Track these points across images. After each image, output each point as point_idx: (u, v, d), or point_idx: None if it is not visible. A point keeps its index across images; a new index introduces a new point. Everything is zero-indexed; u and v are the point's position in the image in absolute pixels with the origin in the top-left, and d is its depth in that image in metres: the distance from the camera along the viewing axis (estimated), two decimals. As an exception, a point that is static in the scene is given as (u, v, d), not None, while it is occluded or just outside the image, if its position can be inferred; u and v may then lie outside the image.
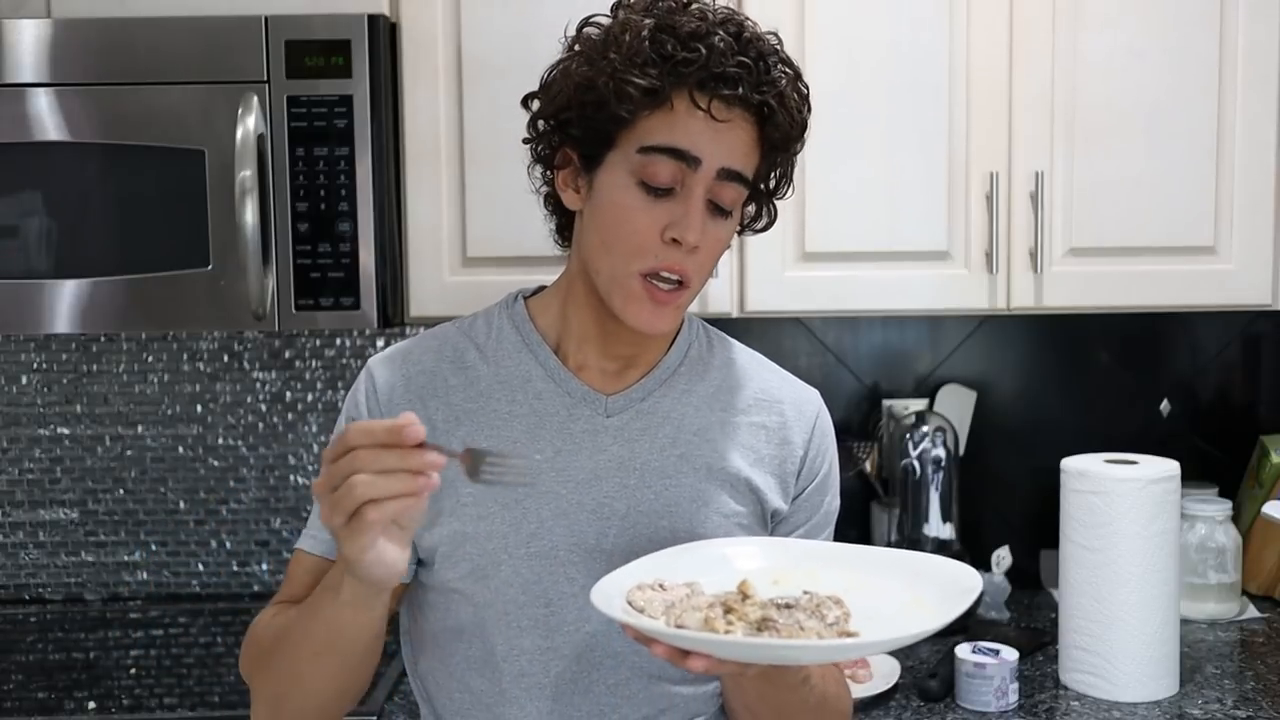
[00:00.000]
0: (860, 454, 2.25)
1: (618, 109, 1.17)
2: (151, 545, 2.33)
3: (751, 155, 1.21)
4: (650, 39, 1.16)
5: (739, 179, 1.20)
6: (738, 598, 1.09)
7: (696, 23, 1.17)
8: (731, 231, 1.25)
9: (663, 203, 1.18)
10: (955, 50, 1.96)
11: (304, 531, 1.30)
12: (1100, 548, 1.79)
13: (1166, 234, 1.99)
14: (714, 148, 1.17)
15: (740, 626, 1.05)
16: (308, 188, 1.86)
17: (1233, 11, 1.97)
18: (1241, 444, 2.34)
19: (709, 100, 1.16)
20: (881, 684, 1.82)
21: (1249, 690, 1.83)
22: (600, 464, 1.25)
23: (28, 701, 1.86)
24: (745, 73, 1.16)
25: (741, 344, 1.40)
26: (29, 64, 1.84)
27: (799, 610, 1.07)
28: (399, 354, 1.30)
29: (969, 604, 1.07)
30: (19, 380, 2.31)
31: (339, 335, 2.31)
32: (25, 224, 1.87)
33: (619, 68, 1.16)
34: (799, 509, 1.33)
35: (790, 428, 1.32)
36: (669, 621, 1.06)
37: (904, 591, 1.13)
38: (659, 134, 1.17)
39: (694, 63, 1.15)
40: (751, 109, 1.19)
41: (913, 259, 1.99)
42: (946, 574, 1.15)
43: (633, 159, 1.18)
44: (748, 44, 1.18)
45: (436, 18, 1.94)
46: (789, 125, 1.21)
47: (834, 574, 1.17)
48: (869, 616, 1.09)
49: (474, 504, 1.24)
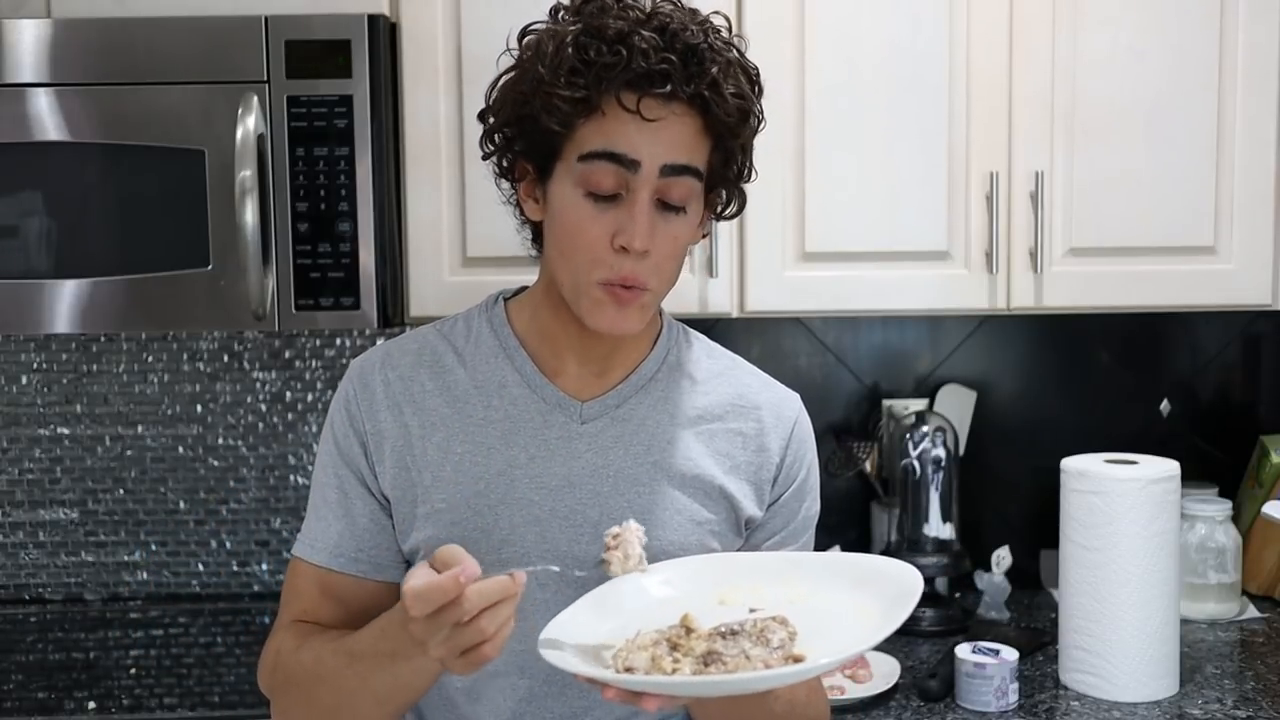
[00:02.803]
0: (860, 454, 2.25)
1: (549, 123, 1.17)
2: (151, 545, 2.33)
3: (698, 146, 1.20)
4: (574, 46, 1.16)
5: (686, 172, 1.19)
6: (681, 632, 1.10)
7: (620, 24, 1.16)
8: (691, 226, 1.23)
9: (609, 209, 1.18)
10: (955, 49, 1.96)
11: (300, 537, 1.30)
12: (1100, 548, 1.79)
13: (1166, 234, 1.99)
14: (651, 148, 1.16)
15: (687, 662, 1.06)
16: (308, 188, 1.86)
17: (1233, 11, 1.96)
18: (1241, 444, 2.34)
19: (637, 101, 1.16)
20: (881, 684, 1.82)
21: (1249, 690, 1.83)
22: (574, 471, 1.25)
23: (28, 701, 1.86)
24: (673, 69, 1.15)
25: (721, 346, 1.39)
26: (29, 64, 1.84)
27: (744, 637, 1.08)
28: (379, 358, 1.30)
29: (912, 607, 1.08)
30: (19, 380, 2.31)
31: (339, 335, 2.31)
32: (25, 224, 1.87)
33: (546, 80, 1.16)
34: (774, 515, 1.33)
35: (767, 434, 1.32)
36: (616, 665, 1.07)
37: (848, 600, 1.14)
38: (595, 141, 1.17)
39: (617, 66, 1.14)
40: (686, 103, 1.17)
41: (913, 259, 1.99)
42: (888, 576, 1.15)
43: (575, 169, 1.18)
44: (674, 38, 1.16)
45: (436, 18, 1.94)
46: (730, 112, 1.19)
47: (778, 588, 1.17)
48: (814, 631, 1.10)
49: (448, 510, 1.24)
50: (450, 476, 1.25)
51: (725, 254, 1.98)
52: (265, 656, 1.29)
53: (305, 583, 1.28)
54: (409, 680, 1.14)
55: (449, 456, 1.25)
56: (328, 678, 1.19)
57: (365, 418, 1.26)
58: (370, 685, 1.16)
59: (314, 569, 1.27)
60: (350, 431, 1.27)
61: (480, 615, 1.02)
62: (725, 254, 1.98)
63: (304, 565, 1.28)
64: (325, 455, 1.29)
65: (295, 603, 1.29)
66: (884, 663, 1.90)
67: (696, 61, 1.16)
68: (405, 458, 1.26)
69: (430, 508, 1.24)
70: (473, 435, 1.26)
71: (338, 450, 1.28)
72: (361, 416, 1.27)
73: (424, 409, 1.27)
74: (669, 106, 1.16)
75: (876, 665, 1.89)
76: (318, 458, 1.30)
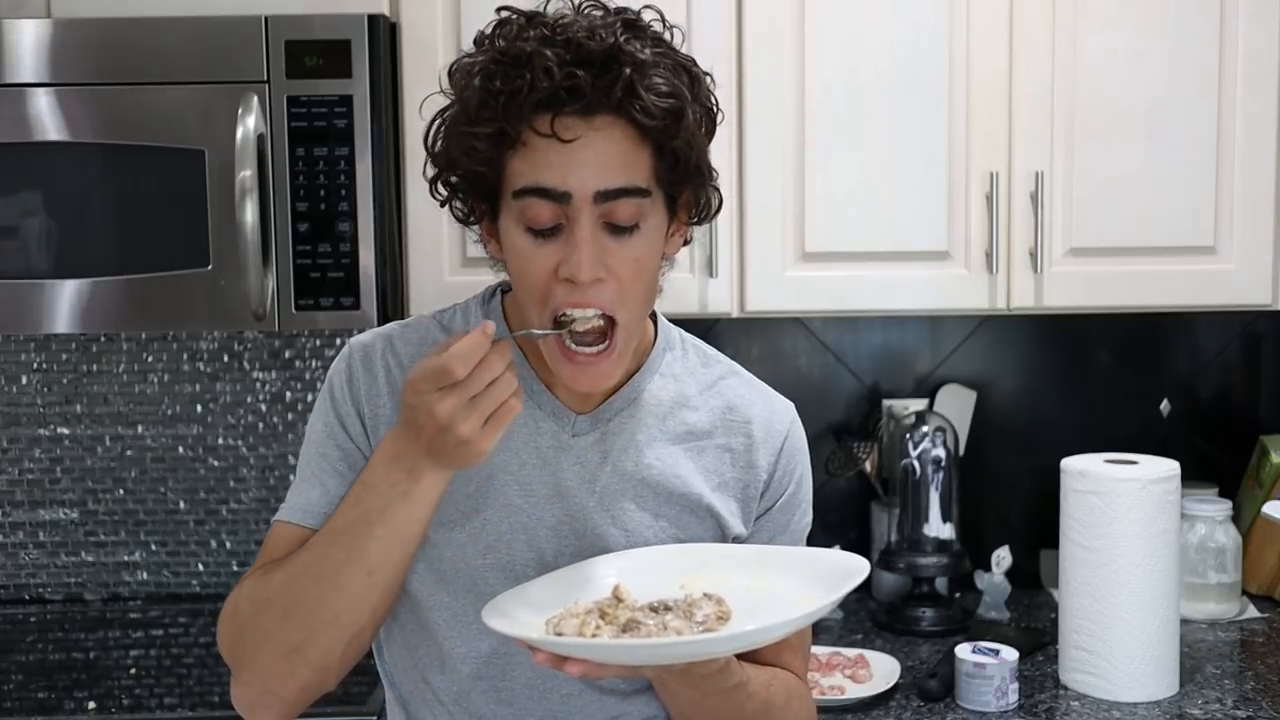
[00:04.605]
0: (860, 454, 2.25)
1: (473, 165, 1.13)
2: (151, 545, 2.32)
3: (635, 159, 1.12)
4: (482, 76, 1.11)
5: (625, 194, 1.11)
6: (613, 603, 1.12)
7: (524, 44, 1.09)
8: (651, 243, 1.15)
9: (551, 242, 1.12)
10: (955, 50, 1.96)
11: (284, 505, 1.25)
12: (1100, 548, 1.79)
13: (1166, 234, 1.99)
14: (580, 173, 1.09)
15: (608, 630, 1.08)
16: (308, 188, 1.86)
17: (1232, 11, 1.97)
18: (1241, 444, 2.33)
19: (551, 123, 1.09)
20: (881, 684, 1.83)
21: (1249, 690, 1.83)
22: (562, 482, 1.24)
23: (28, 701, 1.86)
24: (581, 81, 1.07)
25: (718, 353, 1.36)
26: (29, 64, 1.84)
27: (672, 612, 1.10)
28: (383, 343, 1.26)
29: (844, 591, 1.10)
30: (19, 380, 2.31)
31: (339, 335, 2.31)
32: (25, 224, 1.87)
33: (461, 121, 1.12)
34: (761, 528, 1.31)
35: (756, 450, 1.29)
36: (548, 630, 1.09)
37: (798, 588, 1.14)
38: (523, 176, 1.11)
39: (522, 90, 1.08)
40: (610, 113, 1.09)
41: (913, 259, 1.99)
42: (838, 566, 1.17)
43: (513, 206, 1.13)
44: (579, 49, 1.08)
45: (436, 18, 1.94)
46: (654, 114, 1.10)
47: (741, 578, 1.18)
48: (751, 614, 1.11)
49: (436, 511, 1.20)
50: None
51: (725, 254, 1.98)
52: (223, 612, 1.22)
53: (284, 542, 1.22)
54: (401, 527, 1.12)
55: None
56: (302, 573, 1.15)
57: (366, 400, 1.23)
58: (359, 554, 1.12)
59: (291, 527, 1.22)
60: (352, 409, 1.23)
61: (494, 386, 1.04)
62: (725, 254, 1.98)
63: (288, 527, 1.23)
64: (320, 427, 1.25)
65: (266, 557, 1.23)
66: (884, 663, 1.90)
67: (605, 68, 1.08)
68: None
69: None
70: None
71: (337, 421, 1.24)
72: (363, 398, 1.23)
73: None
74: (589, 122, 1.09)
75: (876, 665, 1.89)
76: (309, 430, 1.27)
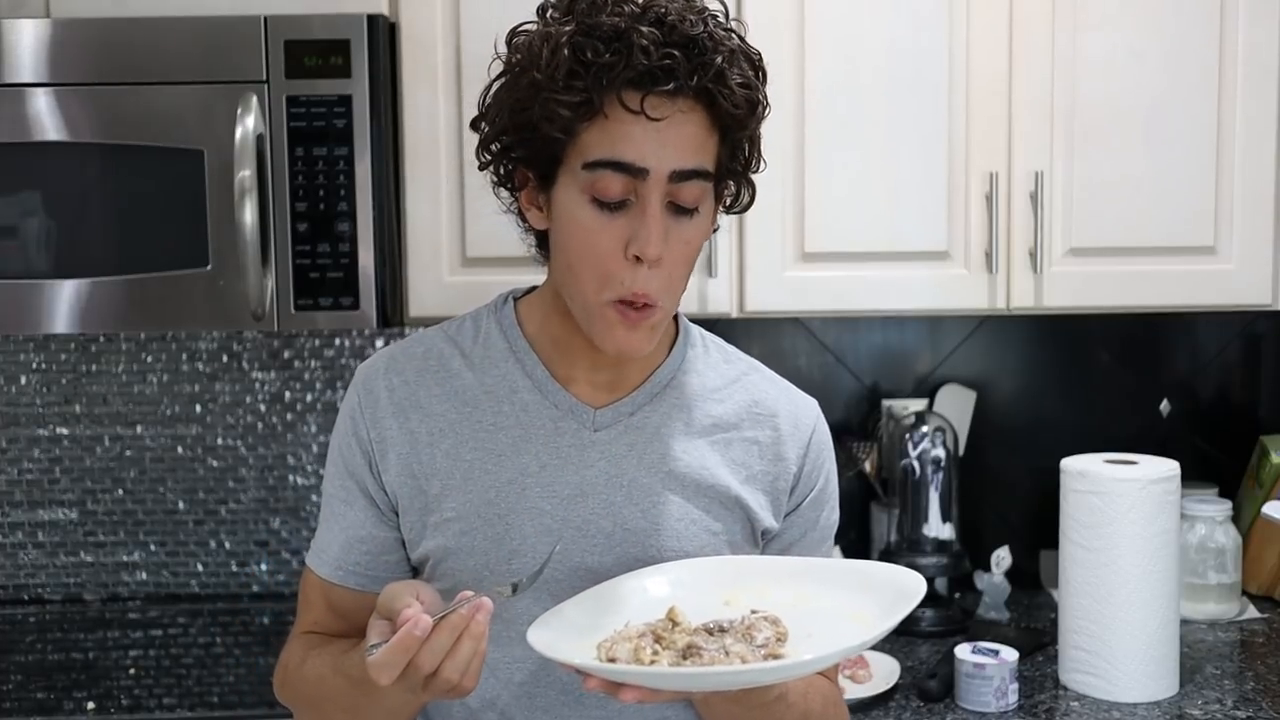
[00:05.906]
0: (860, 454, 2.25)
1: (550, 130, 1.12)
2: (151, 545, 2.32)
3: (706, 145, 1.15)
4: (570, 47, 1.10)
5: (697, 175, 1.14)
6: (668, 626, 1.10)
7: (616, 20, 1.10)
8: (703, 227, 1.18)
9: (619, 216, 1.13)
10: (955, 50, 1.96)
11: (312, 544, 1.29)
12: (1100, 548, 1.79)
13: (1166, 234, 1.99)
14: (660, 152, 1.11)
15: (666, 655, 1.05)
16: (307, 188, 1.86)
17: (1232, 12, 1.96)
18: (1241, 444, 2.33)
19: (641, 100, 1.10)
20: (881, 684, 1.82)
21: (1249, 690, 1.83)
22: (586, 480, 1.22)
23: (27, 701, 1.86)
24: (676, 63, 1.09)
25: (740, 351, 1.36)
26: (29, 64, 1.84)
27: (730, 634, 1.08)
28: (385, 362, 1.27)
29: (904, 614, 1.07)
30: (18, 380, 2.31)
31: (338, 335, 2.31)
32: (25, 224, 1.87)
33: (544, 87, 1.11)
34: (792, 524, 1.30)
35: (784, 443, 1.29)
36: (601, 655, 1.06)
37: (848, 604, 1.13)
38: (600, 148, 1.12)
39: (618, 65, 1.09)
40: (691, 98, 1.12)
41: (912, 259, 1.99)
42: (891, 582, 1.14)
43: (580, 176, 1.13)
44: (673, 30, 1.10)
45: (436, 18, 1.94)
46: (738, 104, 1.13)
47: (785, 591, 1.16)
48: (808, 633, 1.09)
49: (457, 519, 1.21)
50: (460, 484, 1.22)
51: (725, 254, 1.98)
52: (277, 668, 1.30)
53: (314, 593, 1.28)
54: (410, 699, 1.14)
55: (458, 464, 1.22)
56: (333, 698, 1.19)
57: (369, 426, 1.24)
58: (379, 704, 1.16)
59: (319, 580, 1.27)
60: (354, 441, 1.25)
61: (442, 666, 1.01)
62: (725, 254, 1.98)
63: (312, 575, 1.28)
64: (331, 465, 1.28)
65: (306, 613, 1.29)
66: (884, 663, 1.90)
67: (699, 53, 1.11)
68: (412, 465, 1.23)
69: (440, 517, 1.22)
70: (482, 441, 1.23)
71: (342, 460, 1.26)
72: (365, 425, 1.24)
73: (431, 415, 1.23)
74: (674, 103, 1.11)
75: (876, 665, 1.89)
76: (326, 466, 1.29)
